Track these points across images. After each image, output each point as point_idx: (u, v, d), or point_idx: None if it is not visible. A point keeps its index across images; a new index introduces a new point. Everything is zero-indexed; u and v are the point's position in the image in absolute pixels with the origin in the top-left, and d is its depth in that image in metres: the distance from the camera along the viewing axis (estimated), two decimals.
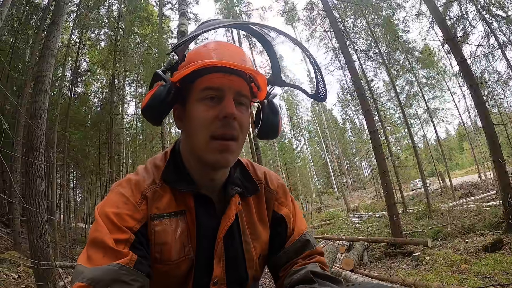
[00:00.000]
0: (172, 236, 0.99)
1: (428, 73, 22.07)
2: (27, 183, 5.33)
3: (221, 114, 0.95)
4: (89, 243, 0.89)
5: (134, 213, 0.95)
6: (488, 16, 12.27)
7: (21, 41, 14.72)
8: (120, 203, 0.95)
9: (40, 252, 5.07)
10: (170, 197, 1.02)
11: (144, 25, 17.42)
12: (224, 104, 0.96)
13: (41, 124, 5.38)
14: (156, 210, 0.98)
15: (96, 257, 0.84)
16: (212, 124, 0.95)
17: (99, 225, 0.90)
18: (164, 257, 0.98)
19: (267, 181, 1.24)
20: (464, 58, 8.08)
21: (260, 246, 1.15)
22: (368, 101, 10.36)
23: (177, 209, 1.02)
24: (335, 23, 11.01)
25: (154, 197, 1.00)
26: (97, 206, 0.98)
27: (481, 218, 9.09)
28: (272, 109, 1.13)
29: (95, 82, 21.96)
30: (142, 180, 1.03)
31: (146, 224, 0.97)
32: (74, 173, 24.64)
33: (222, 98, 0.97)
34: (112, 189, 1.03)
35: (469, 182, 20.54)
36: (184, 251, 1.01)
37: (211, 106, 0.97)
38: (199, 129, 0.97)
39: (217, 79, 0.96)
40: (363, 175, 58.74)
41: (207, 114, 0.96)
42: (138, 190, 1.00)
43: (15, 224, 11.25)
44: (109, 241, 0.86)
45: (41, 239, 5.11)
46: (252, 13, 22.84)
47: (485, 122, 7.52)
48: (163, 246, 0.98)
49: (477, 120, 20.05)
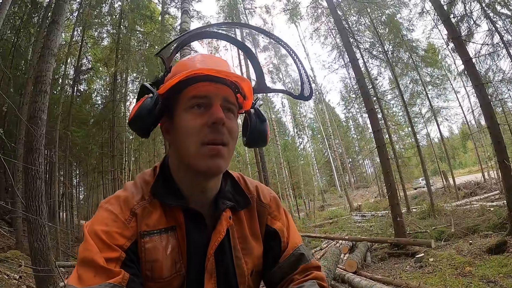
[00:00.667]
0: (163, 253, 0.96)
1: (432, 72, 22.01)
2: (26, 184, 5.31)
3: (210, 120, 0.93)
4: (79, 263, 0.85)
5: (124, 231, 0.92)
6: (493, 14, 12.18)
7: (23, 39, 14.76)
8: (109, 221, 0.93)
9: (40, 254, 5.05)
10: (160, 213, 0.99)
11: (147, 23, 17.42)
12: (212, 110, 0.94)
13: (40, 125, 5.35)
14: (145, 227, 0.96)
15: (87, 277, 0.81)
16: (201, 131, 0.94)
17: (88, 244, 0.87)
18: (155, 275, 0.95)
19: (259, 195, 1.21)
20: (469, 57, 8.00)
21: (252, 261, 1.12)
22: (372, 100, 10.31)
23: (167, 225, 0.99)
24: (339, 21, 10.97)
25: (143, 214, 0.97)
26: (86, 224, 0.95)
27: (485, 218, 9.05)
28: (259, 116, 1.12)
29: (98, 80, 22.00)
30: (131, 196, 1.00)
31: (136, 241, 0.94)
32: (77, 171, 24.73)
33: (210, 105, 0.96)
34: (100, 205, 1.00)
35: (472, 182, 20.48)
36: (176, 268, 0.98)
37: (199, 114, 0.95)
38: (188, 137, 0.95)
39: (203, 87, 0.95)
40: (366, 173, 58.75)
41: (195, 122, 0.94)
42: (127, 207, 0.97)
43: (17, 223, 11.29)
44: (99, 260, 0.83)
45: (41, 242, 5.09)
46: (255, 11, 22.80)
47: (490, 122, 7.45)
48: (153, 263, 0.95)
49: (481, 119, 20.00)
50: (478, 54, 12.48)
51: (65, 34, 16.36)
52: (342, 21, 12.55)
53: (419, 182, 28.02)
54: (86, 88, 20.56)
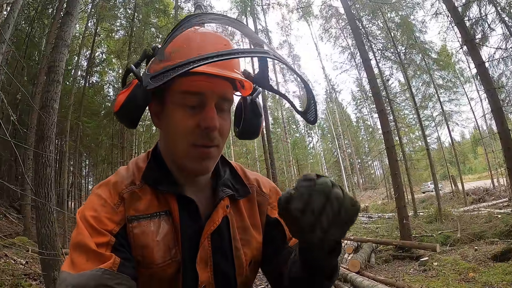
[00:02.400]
0: (152, 239, 0.94)
1: (445, 75, 21.81)
2: (37, 172, 5.38)
3: (203, 125, 0.89)
4: (72, 248, 0.86)
5: (113, 216, 0.92)
6: (508, 18, 12.02)
7: (37, 30, 14.91)
8: (98, 206, 0.92)
9: (48, 240, 5.11)
10: (151, 198, 0.97)
11: (160, 17, 17.47)
12: (205, 114, 0.90)
13: (52, 114, 5.41)
14: (133, 211, 0.94)
15: (79, 261, 0.82)
16: (192, 133, 0.91)
17: (80, 229, 0.87)
18: (147, 260, 0.94)
19: (259, 185, 1.19)
20: (482, 61, 7.91)
21: (251, 252, 1.10)
22: (383, 101, 10.26)
23: (159, 210, 0.97)
24: (353, 20, 10.93)
25: (131, 199, 0.96)
26: (78, 209, 0.95)
27: (492, 225, 8.98)
28: (255, 110, 1.09)
29: (110, 72, 22.13)
30: (120, 181, 0.99)
31: (125, 226, 0.93)
32: (86, 162, 24.94)
33: (203, 105, 0.91)
34: (92, 191, 1.00)
35: (481, 188, 20.24)
36: (170, 254, 0.96)
37: (191, 114, 0.91)
38: (179, 137, 0.92)
39: (198, 82, 0.88)
40: (374, 175, 58.38)
41: (186, 123, 0.90)
42: (115, 191, 0.96)
43: (26, 210, 11.44)
44: (91, 244, 0.83)
45: (48, 228, 5.16)
46: (268, 8, 22.74)
47: (501, 128, 7.38)
48: (144, 249, 0.93)
49: (493, 125, 19.75)
50: (492, 58, 12.35)
51: (79, 25, 16.49)
52: (356, 20, 12.50)
53: (428, 185, 27.80)
54: (98, 80, 20.70)
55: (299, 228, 0.69)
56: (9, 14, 5.39)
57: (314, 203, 0.66)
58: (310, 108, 0.96)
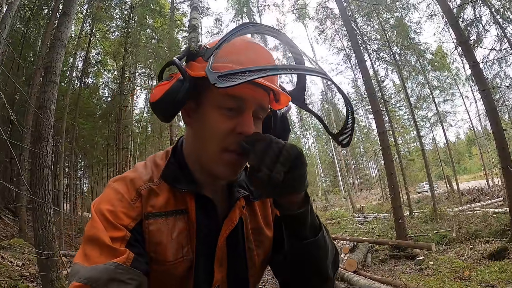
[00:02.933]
0: (167, 236, 0.95)
1: (440, 76, 21.93)
2: (33, 172, 5.37)
3: (238, 130, 0.90)
4: (86, 240, 0.87)
5: (129, 211, 0.92)
6: (502, 20, 12.11)
7: (32, 31, 14.86)
8: (115, 200, 0.93)
9: (45, 241, 5.11)
10: (168, 196, 0.98)
11: (156, 18, 17.45)
12: (243, 119, 0.91)
13: (49, 115, 5.41)
14: (150, 208, 0.95)
15: (92, 255, 0.83)
16: (226, 137, 0.91)
17: (95, 222, 0.88)
18: (159, 257, 0.95)
19: None
20: (476, 62, 7.98)
21: (264, 253, 1.12)
22: (378, 102, 10.29)
23: (175, 208, 0.98)
24: (348, 22, 10.98)
25: (149, 195, 0.96)
26: (93, 202, 0.95)
27: (487, 224, 9.04)
28: (285, 125, 1.10)
29: (106, 73, 22.08)
30: (138, 177, 1.00)
31: (141, 222, 0.94)
32: (82, 163, 24.81)
33: (242, 110, 0.91)
34: (108, 185, 1.00)
35: (476, 188, 20.34)
36: (183, 252, 0.97)
37: (228, 117, 0.91)
38: (211, 139, 0.93)
39: (241, 88, 0.82)
40: (370, 175, 58.47)
41: (222, 125, 0.91)
42: (133, 187, 0.97)
43: (22, 212, 11.37)
44: (105, 239, 0.84)
45: (45, 229, 5.15)
46: (264, 9, 22.77)
47: (496, 128, 7.44)
48: (157, 246, 0.94)
49: (487, 125, 19.90)
50: (486, 59, 12.43)
51: (74, 26, 16.46)
52: (351, 22, 12.55)
53: (423, 186, 27.89)
54: (93, 81, 20.64)
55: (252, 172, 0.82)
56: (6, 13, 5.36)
57: (257, 148, 0.82)
58: (346, 129, 0.97)
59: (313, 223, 0.95)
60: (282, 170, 0.79)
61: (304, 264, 0.97)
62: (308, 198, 0.92)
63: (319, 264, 0.97)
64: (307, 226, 0.93)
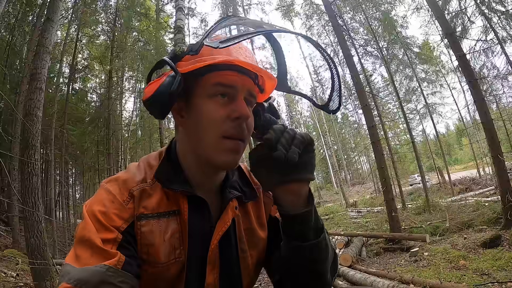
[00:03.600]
0: (160, 238, 0.94)
1: (427, 68, 22.09)
2: (23, 181, 5.32)
3: (234, 114, 0.91)
4: (77, 242, 0.86)
5: (121, 212, 0.91)
6: (488, 11, 12.24)
7: (17, 38, 14.70)
8: (107, 201, 0.92)
9: (37, 250, 5.06)
10: (161, 197, 0.97)
11: (142, 21, 17.37)
12: (237, 103, 0.92)
13: (36, 122, 5.36)
14: (143, 209, 0.94)
15: (83, 256, 0.82)
16: (223, 123, 0.92)
17: (86, 223, 0.87)
18: (151, 259, 0.93)
19: None
20: (463, 53, 8.05)
21: (258, 254, 1.11)
22: (366, 96, 10.35)
23: (168, 209, 0.97)
24: (334, 17, 11.00)
25: (141, 196, 0.96)
26: (86, 203, 0.94)
27: (480, 213, 9.11)
28: (274, 114, 1.08)
29: (93, 78, 21.93)
30: (131, 178, 0.98)
31: (133, 223, 0.92)
32: (73, 170, 24.64)
33: (234, 96, 0.93)
34: (101, 185, 0.99)
35: (467, 177, 20.56)
36: (175, 254, 0.96)
37: (222, 104, 0.92)
38: (209, 127, 0.92)
39: (230, 76, 0.92)
40: (362, 170, 58.82)
41: (218, 112, 0.92)
42: (125, 188, 0.96)
43: (14, 222, 11.26)
44: (96, 240, 0.83)
45: (38, 238, 5.11)
46: (250, 7, 22.75)
47: (484, 118, 7.51)
48: (150, 247, 0.93)
49: (476, 115, 20.09)
50: (473, 50, 12.54)
51: (60, 32, 16.32)
52: (337, 17, 12.58)
53: (415, 178, 28.13)
54: (81, 86, 20.49)
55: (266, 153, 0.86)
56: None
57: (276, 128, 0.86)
58: (334, 95, 1.01)
59: (317, 224, 0.95)
60: (297, 151, 0.83)
61: (303, 267, 0.96)
62: (312, 197, 0.93)
63: (318, 268, 0.97)
64: (311, 227, 0.93)
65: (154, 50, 15.21)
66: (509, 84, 15.87)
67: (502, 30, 12.78)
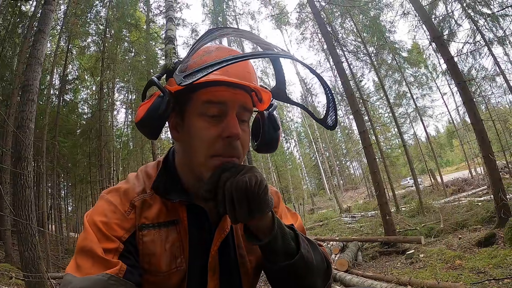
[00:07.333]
0: (161, 247, 0.95)
1: (416, 72, 22.32)
2: (16, 194, 5.27)
3: (225, 134, 0.90)
4: (78, 251, 0.86)
5: (123, 222, 0.92)
6: (474, 14, 12.43)
7: (8, 49, 14.61)
8: (108, 212, 0.93)
9: (32, 263, 5.01)
10: (161, 207, 0.98)
11: (132, 32, 17.38)
12: (227, 122, 0.91)
13: (28, 134, 5.33)
14: (144, 220, 0.95)
15: (85, 266, 0.82)
16: (214, 143, 0.91)
17: (88, 233, 0.88)
18: (152, 268, 0.95)
19: None
20: (451, 56, 8.15)
21: (256, 259, 1.11)
22: (357, 102, 10.40)
23: (167, 219, 0.98)
24: (323, 25, 11.07)
25: (142, 207, 0.97)
26: (86, 213, 0.94)
27: (473, 213, 9.16)
28: (273, 124, 1.09)
29: (84, 89, 21.86)
30: (131, 188, 1.00)
31: (134, 233, 0.93)
32: (65, 182, 24.43)
33: (225, 114, 0.91)
34: (101, 196, 0.99)
35: (460, 178, 20.69)
36: (176, 263, 0.97)
37: (213, 123, 0.91)
38: (200, 147, 0.92)
39: (219, 92, 0.90)
40: (354, 175, 58.97)
41: (208, 132, 0.91)
42: (126, 199, 0.97)
43: (6, 236, 11.12)
44: (98, 250, 0.84)
45: (31, 251, 5.06)
46: (240, 18, 22.86)
47: (474, 119, 7.59)
48: (151, 257, 0.94)
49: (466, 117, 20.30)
50: (460, 53, 12.71)
51: (50, 43, 16.27)
52: (326, 25, 12.68)
53: (407, 181, 28.26)
54: (72, 98, 20.40)
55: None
56: None
57: (218, 197, 0.86)
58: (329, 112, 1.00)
59: (287, 249, 0.97)
60: (245, 206, 0.84)
61: (287, 283, 1.00)
62: (275, 224, 0.94)
63: (303, 282, 0.99)
64: (279, 253, 0.96)
65: (145, 61, 15.21)
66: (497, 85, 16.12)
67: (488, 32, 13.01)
